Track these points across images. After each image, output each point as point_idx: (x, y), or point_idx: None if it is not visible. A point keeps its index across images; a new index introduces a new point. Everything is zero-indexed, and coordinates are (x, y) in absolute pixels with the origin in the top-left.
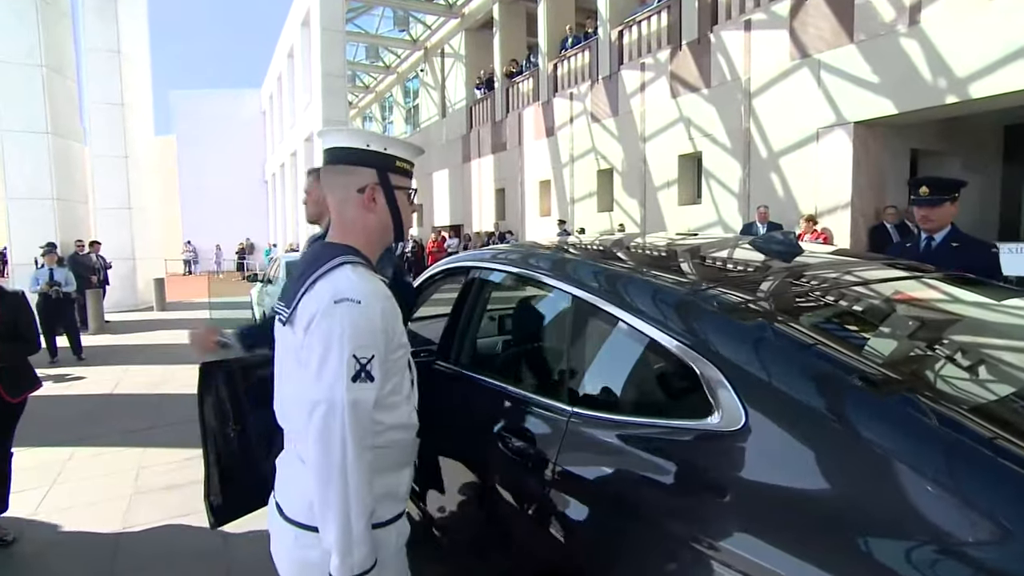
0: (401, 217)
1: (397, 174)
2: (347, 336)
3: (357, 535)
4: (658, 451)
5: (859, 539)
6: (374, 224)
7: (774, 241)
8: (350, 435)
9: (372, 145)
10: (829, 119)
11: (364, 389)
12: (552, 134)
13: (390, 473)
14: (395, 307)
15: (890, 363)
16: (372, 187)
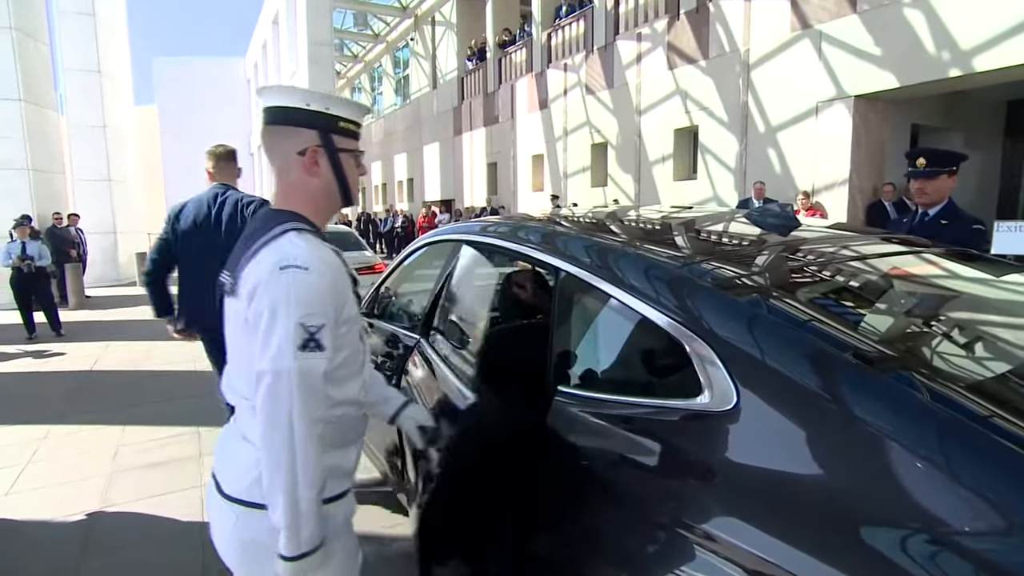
0: (347, 181)
1: (341, 135)
2: (293, 303)
3: (305, 511)
4: (645, 432)
5: (852, 523)
6: (318, 188)
7: (770, 214)
8: (298, 406)
9: (313, 104)
10: (829, 93)
11: (313, 358)
12: (545, 107)
13: (338, 449)
14: (345, 277)
15: (887, 340)
16: (314, 149)
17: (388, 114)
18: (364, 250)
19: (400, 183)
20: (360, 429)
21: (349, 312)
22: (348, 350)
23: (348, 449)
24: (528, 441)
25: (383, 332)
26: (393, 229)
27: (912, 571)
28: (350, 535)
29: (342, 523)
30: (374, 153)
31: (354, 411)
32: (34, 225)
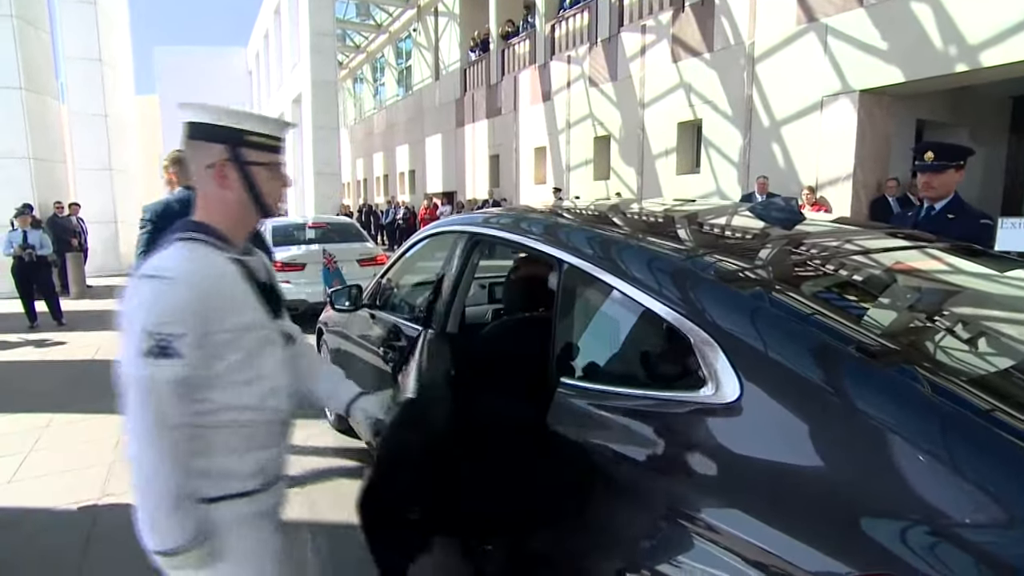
0: (260, 193)
1: (251, 148)
2: (145, 311)
3: (154, 511)
4: (648, 423)
5: (855, 515)
6: (232, 201)
7: (774, 208)
8: (141, 411)
9: (222, 120)
10: (834, 87)
11: (160, 366)
12: (548, 99)
13: (233, 453)
14: (233, 287)
15: (890, 334)
16: (221, 163)
17: (390, 105)
18: (365, 241)
19: (402, 175)
20: (270, 435)
21: (240, 320)
22: (236, 356)
23: (249, 454)
24: (530, 433)
25: (385, 323)
26: (395, 221)
27: (913, 563)
28: (258, 535)
29: (233, 526)
30: (376, 144)
31: (254, 416)
32: (35, 214)
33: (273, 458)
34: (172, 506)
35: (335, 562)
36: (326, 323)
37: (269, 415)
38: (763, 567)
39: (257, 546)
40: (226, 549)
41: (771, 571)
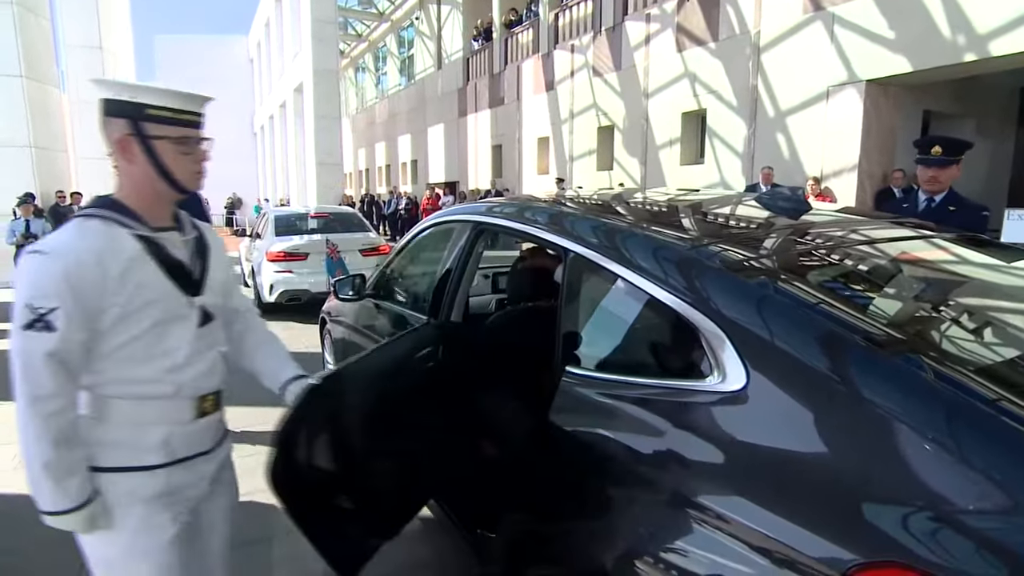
0: (167, 168)
1: (154, 123)
2: (24, 285)
3: (37, 475)
4: (654, 412)
5: (860, 503)
6: (139, 176)
7: (781, 197)
8: (19, 381)
9: (122, 94)
10: (840, 77)
11: (36, 338)
12: (552, 88)
13: (126, 426)
14: (119, 263)
15: (896, 324)
16: (124, 138)
17: (392, 94)
18: (368, 231)
19: (404, 164)
20: (177, 412)
21: (134, 296)
22: (133, 331)
23: (149, 428)
24: (535, 422)
25: (389, 313)
26: (397, 211)
27: (917, 550)
28: (151, 511)
29: (125, 493)
30: (378, 134)
31: (155, 391)
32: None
33: (181, 435)
34: (52, 471)
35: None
36: (329, 312)
37: (174, 391)
38: (769, 554)
39: (146, 523)
40: (115, 519)
41: (776, 558)
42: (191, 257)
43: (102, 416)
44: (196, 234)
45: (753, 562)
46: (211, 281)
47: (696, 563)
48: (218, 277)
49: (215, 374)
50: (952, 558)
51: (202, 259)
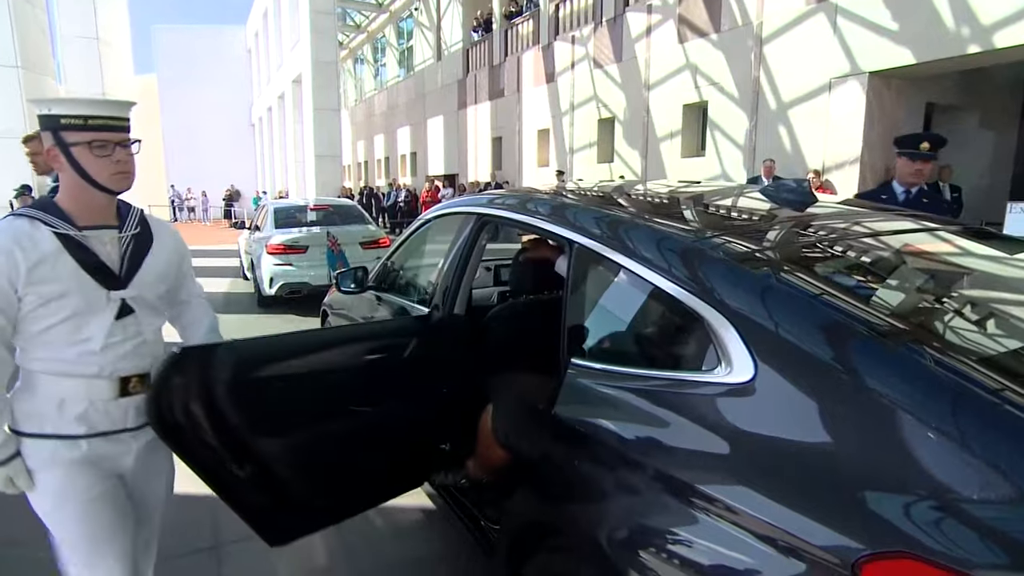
0: (86, 171)
1: (69, 131)
2: None
3: None
4: (660, 404)
5: (868, 493)
6: (68, 181)
7: (785, 189)
8: None
9: (42, 109)
10: (843, 69)
11: None
12: (552, 80)
13: (49, 400)
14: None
15: (904, 315)
16: (50, 148)
17: (391, 86)
18: (368, 224)
19: (403, 157)
20: (97, 391)
21: (48, 288)
22: (52, 320)
23: (70, 403)
24: (541, 414)
25: (391, 305)
26: (396, 204)
27: (925, 540)
28: (70, 478)
29: (47, 460)
30: (377, 126)
31: (75, 370)
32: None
33: (102, 411)
34: None
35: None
36: (331, 305)
37: (95, 371)
38: (778, 545)
39: (69, 483)
40: (39, 481)
41: (785, 549)
42: (120, 254)
43: (28, 387)
44: (137, 231)
45: (762, 553)
46: (143, 275)
47: (703, 554)
48: (153, 272)
49: (140, 358)
50: (962, 549)
51: (136, 255)
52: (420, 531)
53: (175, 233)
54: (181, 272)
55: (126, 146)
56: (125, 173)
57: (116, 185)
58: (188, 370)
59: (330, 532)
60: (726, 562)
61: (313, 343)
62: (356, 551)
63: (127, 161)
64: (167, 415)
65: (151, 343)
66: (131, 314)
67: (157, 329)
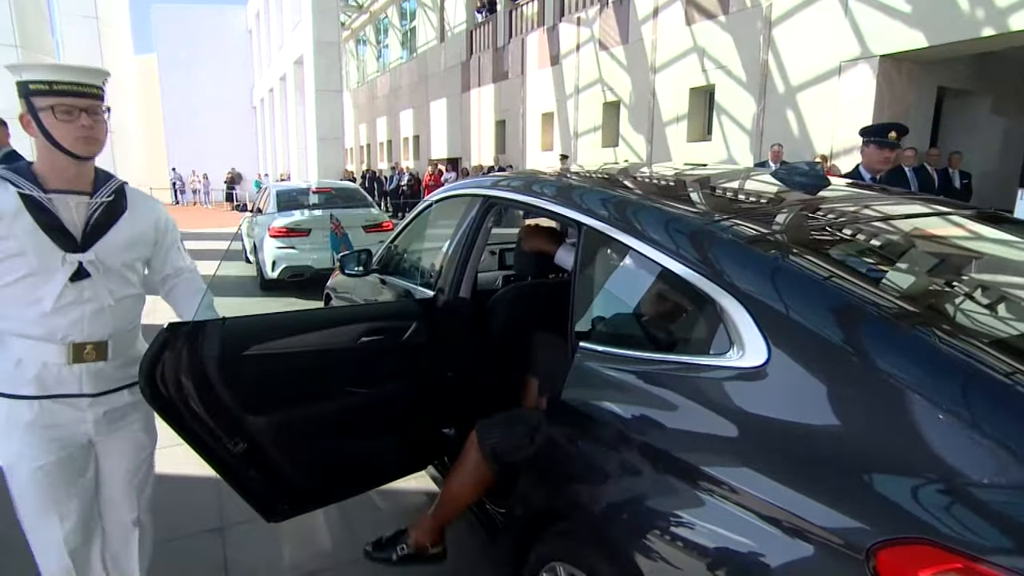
0: (51, 135)
1: (37, 96)
2: None
3: None
4: (670, 387)
5: (888, 481)
6: (39, 145)
7: (798, 172)
8: None
9: (14, 76)
10: (854, 52)
11: None
12: (557, 63)
13: (9, 357)
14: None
15: (921, 299)
16: (23, 114)
17: (394, 68)
18: (371, 207)
19: (406, 140)
20: (52, 353)
21: (5, 245)
22: (8, 278)
23: (24, 364)
24: (548, 399)
25: (395, 288)
26: (399, 187)
27: (944, 528)
28: (25, 437)
29: (6, 419)
30: (379, 109)
31: (29, 331)
32: None
33: (55, 375)
34: None
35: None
36: (334, 288)
37: (46, 334)
38: (790, 531)
39: (25, 447)
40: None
41: (798, 535)
42: (86, 218)
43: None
44: (110, 199)
45: (774, 539)
46: (107, 241)
47: (714, 540)
48: (120, 240)
49: (96, 326)
50: (979, 534)
51: (103, 222)
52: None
53: (158, 207)
54: (161, 246)
55: (95, 113)
56: (90, 139)
57: (80, 150)
58: (178, 346)
59: (332, 513)
60: (737, 547)
61: (311, 323)
62: (358, 533)
63: (93, 127)
64: (160, 390)
65: (111, 312)
66: (87, 278)
67: (123, 299)
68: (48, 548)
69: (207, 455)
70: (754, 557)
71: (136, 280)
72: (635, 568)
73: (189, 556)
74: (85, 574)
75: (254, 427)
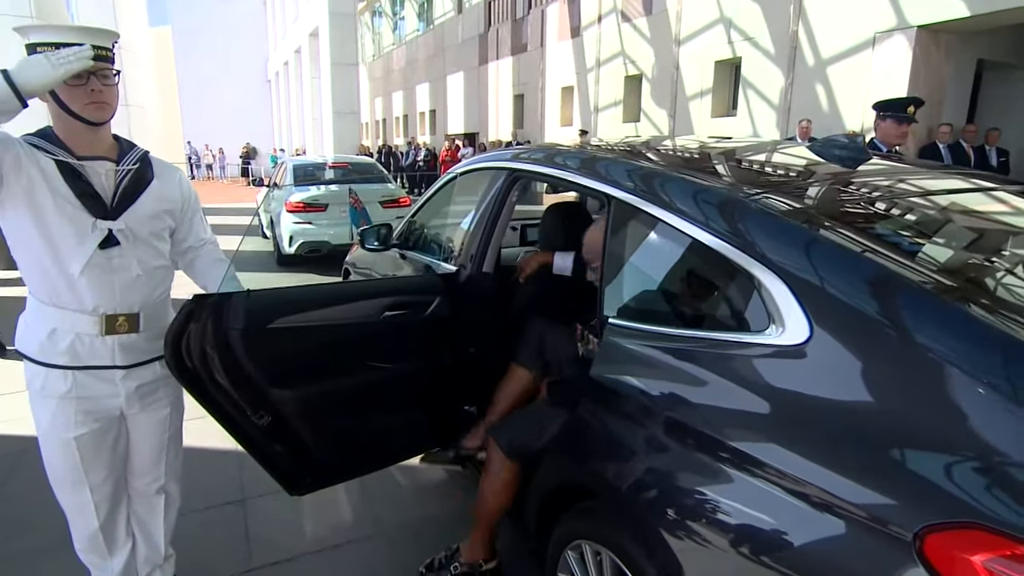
0: (62, 101)
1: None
2: None
3: None
4: (707, 365)
5: (936, 464)
6: (52, 111)
7: (837, 145)
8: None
9: (23, 39)
10: (889, 22)
11: None
12: (578, 35)
13: (39, 323)
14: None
15: (965, 274)
16: None
17: (410, 41)
18: (388, 182)
19: (422, 115)
20: (82, 324)
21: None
22: (35, 244)
23: (57, 332)
24: (575, 375)
25: (416, 263)
26: (415, 163)
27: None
28: (59, 408)
29: (42, 389)
30: (395, 83)
31: (61, 300)
32: None
33: (88, 346)
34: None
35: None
36: (353, 264)
37: (77, 305)
38: (834, 513)
39: (58, 418)
40: (34, 409)
41: (842, 518)
42: (115, 186)
43: (30, 313)
44: (136, 167)
45: (814, 520)
46: (136, 209)
47: (750, 520)
48: (149, 208)
49: (125, 297)
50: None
51: (132, 190)
52: (443, 490)
53: (180, 175)
54: (185, 213)
55: (104, 76)
56: (100, 103)
57: (91, 115)
58: (204, 317)
59: (353, 488)
60: (775, 528)
61: (335, 296)
62: (378, 508)
63: (103, 91)
64: (185, 361)
65: (141, 282)
66: (116, 246)
67: (153, 270)
68: (78, 515)
69: (232, 428)
70: (794, 539)
71: (164, 250)
72: (666, 547)
73: (211, 527)
74: (113, 539)
75: (278, 400)
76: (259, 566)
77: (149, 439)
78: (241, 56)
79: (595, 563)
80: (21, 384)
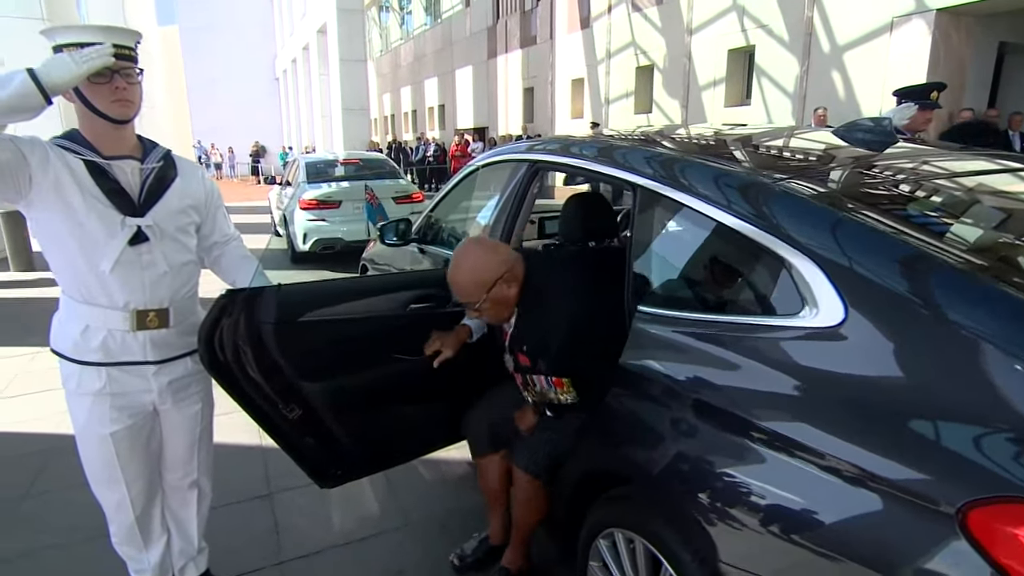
0: (87, 99)
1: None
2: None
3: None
4: (741, 350)
5: (976, 440)
6: (78, 111)
7: (862, 129)
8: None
9: (49, 41)
10: (907, 6)
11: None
12: (587, 26)
13: (72, 321)
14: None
15: (1000, 256)
16: None
17: (418, 35)
18: (400, 178)
19: (431, 109)
20: (113, 320)
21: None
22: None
23: (89, 330)
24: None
25: (435, 258)
26: (425, 158)
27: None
28: (107, 409)
29: (77, 387)
30: (403, 78)
31: (92, 297)
32: None
33: (120, 342)
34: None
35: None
36: (371, 260)
37: (108, 301)
38: (876, 492)
39: (93, 415)
40: (71, 407)
41: (882, 494)
42: (141, 184)
43: (63, 311)
44: (160, 165)
45: (854, 499)
46: (163, 206)
47: (789, 502)
48: (175, 204)
49: (155, 292)
50: None
51: (158, 187)
52: (467, 483)
53: (202, 172)
54: (209, 208)
55: (128, 75)
56: (124, 101)
57: (116, 113)
58: (236, 312)
59: (378, 481)
60: (814, 508)
61: (364, 289)
62: (404, 501)
63: (127, 89)
64: (218, 356)
65: (170, 278)
66: (145, 242)
67: (181, 266)
68: (115, 509)
69: (263, 421)
70: (830, 517)
71: (191, 245)
72: (703, 533)
73: (241, 521)
74: (148, 532)
75: (309, 393)
76: (289, 559)
77: (182, 434)
78: (248, 54)
79: (628, 551)
80: (49, 383)
